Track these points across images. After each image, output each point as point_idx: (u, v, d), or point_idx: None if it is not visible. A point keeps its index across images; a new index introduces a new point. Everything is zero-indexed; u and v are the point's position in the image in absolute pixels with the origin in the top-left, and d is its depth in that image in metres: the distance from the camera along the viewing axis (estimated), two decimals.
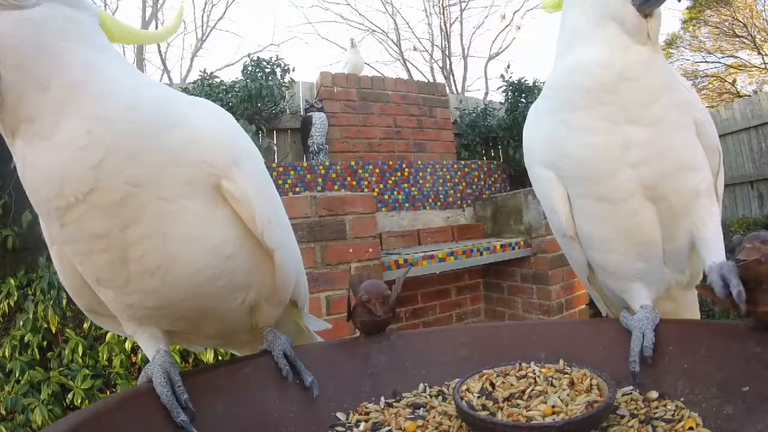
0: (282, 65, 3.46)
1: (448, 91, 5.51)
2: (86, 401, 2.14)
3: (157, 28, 7.35)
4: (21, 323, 2.35)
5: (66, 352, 2.29)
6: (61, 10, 0.57)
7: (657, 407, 0.60)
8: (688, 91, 0.80)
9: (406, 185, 3.57)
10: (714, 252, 0.73)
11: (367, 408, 0.70)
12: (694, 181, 0.76)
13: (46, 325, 2.32)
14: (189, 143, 0.62)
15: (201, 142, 0.62)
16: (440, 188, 3.71)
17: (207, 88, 3.24)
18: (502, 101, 4.45)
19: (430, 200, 3.66)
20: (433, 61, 9.86)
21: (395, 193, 3.52)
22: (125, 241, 0.59)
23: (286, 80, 3.49)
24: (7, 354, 2.31)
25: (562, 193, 0.82)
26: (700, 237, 0.77)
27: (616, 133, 0.74)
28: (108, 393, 2.27)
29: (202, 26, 8.94)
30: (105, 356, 2.21)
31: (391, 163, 3.56)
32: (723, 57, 9.65)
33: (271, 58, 3.47)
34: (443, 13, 9.57)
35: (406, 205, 3.55)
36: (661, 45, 0.79)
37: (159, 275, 0.62)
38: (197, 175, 0.62)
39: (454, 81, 9.66)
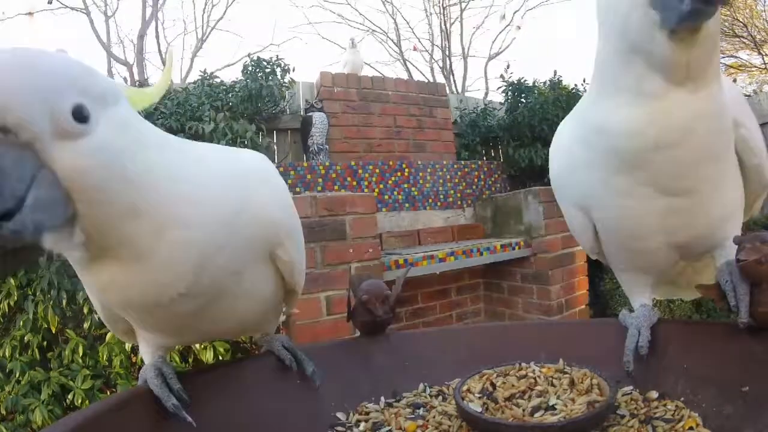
0: (282, 65, 3.46)
1: (448, 91, 5.51)
2: (86, 401, 2.13)
3: (157, 27, 7.33)
4: (21, 323, 2.34)
5: (66, 352, 2.28)
6: (115, 118, 0.50)
7: (657, 407, 0.61)
8: (738, 111, 0.69)
9: (406, 185, 3.57)
10: (726, 251, 0.72)
11: (367, 408, 0.71)
12: (725, 229, 0.73)
13: (46, 325, 2.31)
14: (255, 225, 0.65)
15: (264, 223, 0.66)
16: (440, 188, 3.71)
17: (207, 88, 3.24)
18: (502, 101, 4.45)
19: (430, 200, 3.66)
20: (433, 61, 9.85)
21: (395, 193, 3.52)
22: (200, 310, 0.62)
23: (286, 80, 3.48)
24: (7, 354, 2.30)
25: (591, 229, 0.80)
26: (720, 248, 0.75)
27: (656, 199, 0.68)
28: (108, 393, 2.27)
29: (202, 26, 8.91)
30: (105, 356, 2.21)
31: (391, 163, 3.56)
32: (723, 57, 9.66)
33: (271, 58, 3.47)
34: (443, 13, 9.57)
35: (406, 205, 3.55)
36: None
37: (211, 324, 0.67)
38: (260, 248, 0.67)
39: (454, 81, 9.65)
